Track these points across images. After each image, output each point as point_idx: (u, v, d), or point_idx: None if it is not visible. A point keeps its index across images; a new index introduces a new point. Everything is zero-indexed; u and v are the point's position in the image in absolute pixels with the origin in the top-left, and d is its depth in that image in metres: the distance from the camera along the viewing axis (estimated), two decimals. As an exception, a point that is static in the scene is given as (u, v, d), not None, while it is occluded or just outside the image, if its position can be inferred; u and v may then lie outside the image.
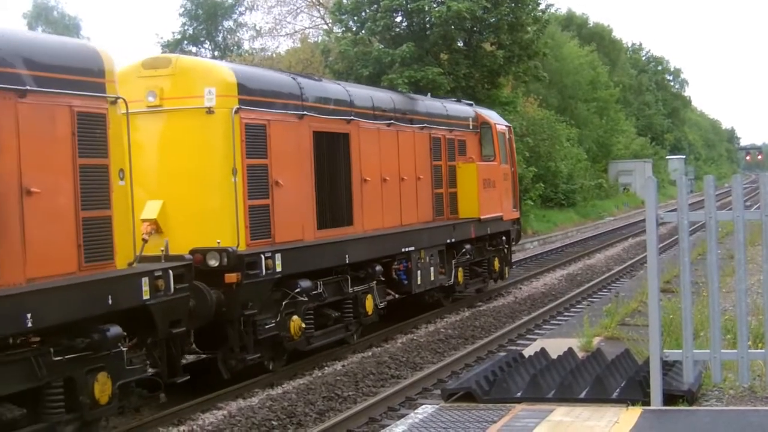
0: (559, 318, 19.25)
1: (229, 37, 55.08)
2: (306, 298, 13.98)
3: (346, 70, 32.61)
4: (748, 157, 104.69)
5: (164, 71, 13.22)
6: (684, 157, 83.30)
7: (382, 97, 17.87)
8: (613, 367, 10.00)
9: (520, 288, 23.80)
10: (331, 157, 15.54)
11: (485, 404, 9.25)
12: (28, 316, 9.16)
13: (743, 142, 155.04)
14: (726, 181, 74.39)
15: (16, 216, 9.40)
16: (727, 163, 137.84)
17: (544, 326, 18.34)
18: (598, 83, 65.87)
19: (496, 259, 22.15)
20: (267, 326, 13.27)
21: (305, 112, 14.74)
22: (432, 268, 18.32)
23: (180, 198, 12.96)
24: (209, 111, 13.04)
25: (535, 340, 15.67)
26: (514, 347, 15.69)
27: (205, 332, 12.62)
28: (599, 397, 9.11)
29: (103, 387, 10.26)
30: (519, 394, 9.40)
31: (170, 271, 11.21)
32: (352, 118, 16.16)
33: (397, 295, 17.44)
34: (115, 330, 10.22)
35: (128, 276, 10.65)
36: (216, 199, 13.05)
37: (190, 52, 50.48)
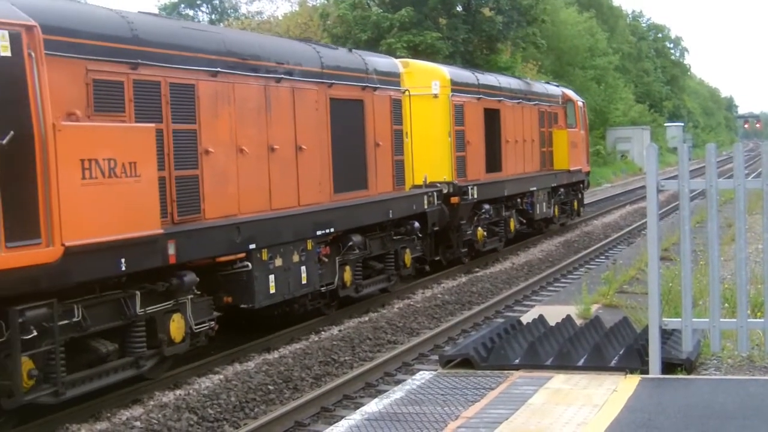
0: (556, 284, 19.38)
1: (226, 0, 57.30)
2: (487, 217, 21.71)
3: (344, 34, 32.63)
4: (746, 126, 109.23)
5: (405, 70, 20.69)
6: (682, 124, 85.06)
7: (514, 82, 25.53)
8: (612, 335, 9.93)
9: (518, 254, 23.81)
10: (492, 125, 23.16)
11: (483, 371, 9.21)
12: (390, 211, 16.90)
13: (741, 111, 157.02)
14: (724, 149, 76.93)
15: (373, 159, 17.05)
16: (726, 131, 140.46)
17: (542, 293, 18.58)
18: (597, 50, 65.37)
19: (575, 201, 29.99)
20: (468, 233, 21.01)
21: (480, 96, 22.37)
22: (544, 203, 26.09)
23: (418, 150, 20.41)
24: (435, 96, 20.63)
25: (532, 306, 15.91)
26: (511, 314, 16.04)
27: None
28: (597, 365, 9.05)
29: (408, 258, 17.95)
30: (517, 361, 9.35)
31: (434, 193, 18.95)
32: (501, 99, 23.77)
33: (524, 221, 25.09)
34: (417, 225, 17.95)
35: (420, 194, 18.39)
36: (440, 151, 20.74)
37: (187, 16, 52.38)
